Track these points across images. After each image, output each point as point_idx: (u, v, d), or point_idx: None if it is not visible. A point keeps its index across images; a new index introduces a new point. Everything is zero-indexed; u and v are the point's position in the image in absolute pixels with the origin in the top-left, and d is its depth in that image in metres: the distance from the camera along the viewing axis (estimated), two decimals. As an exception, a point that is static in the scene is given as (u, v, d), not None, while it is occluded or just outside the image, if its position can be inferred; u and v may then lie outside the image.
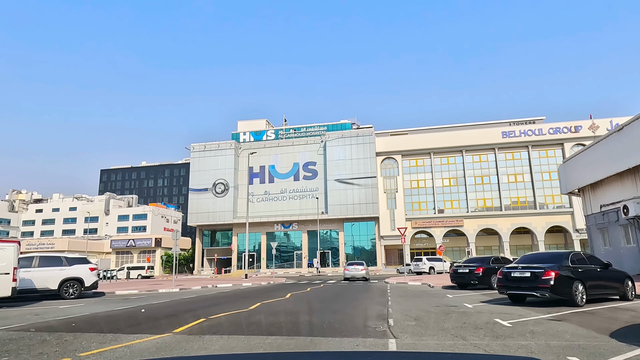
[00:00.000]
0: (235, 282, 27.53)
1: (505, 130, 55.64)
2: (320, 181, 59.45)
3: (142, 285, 24.87)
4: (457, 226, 55.08)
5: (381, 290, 17.54)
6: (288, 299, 14.03)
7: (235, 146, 61.98)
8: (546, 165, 55.24)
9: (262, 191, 60.95)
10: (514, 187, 55.49)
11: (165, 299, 14.73)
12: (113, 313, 10.49)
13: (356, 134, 58.90)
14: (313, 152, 60.68)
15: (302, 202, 59.41)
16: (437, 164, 57.82)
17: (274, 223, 60.02)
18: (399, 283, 23.04)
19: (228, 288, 21.47)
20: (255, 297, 14.84)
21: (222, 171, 61.19)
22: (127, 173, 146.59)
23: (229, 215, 59.68)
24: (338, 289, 19.41)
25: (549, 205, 54.30)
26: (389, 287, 20.21)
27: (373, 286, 21.10)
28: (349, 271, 29.44)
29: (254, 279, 33.36)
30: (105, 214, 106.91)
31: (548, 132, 54.48)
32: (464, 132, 57.30)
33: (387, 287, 20.27)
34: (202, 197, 60.84)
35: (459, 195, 56.58)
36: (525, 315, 8.58)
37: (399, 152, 58.21)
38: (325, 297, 14.35)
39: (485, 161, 56.75)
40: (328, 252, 58.84)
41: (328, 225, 58.51)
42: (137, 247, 65.00)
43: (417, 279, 26.08)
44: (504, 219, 54.14)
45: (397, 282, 24.02)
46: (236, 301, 13.29)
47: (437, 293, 15.92)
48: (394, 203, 56.95)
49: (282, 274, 53.72)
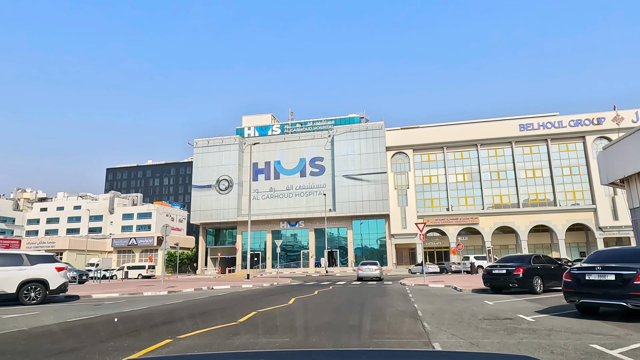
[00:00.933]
0: (235, 283, 25.11)
1: (522, 122, 52.67)
2: (327, 177, 56.94)
3: (130, 286, 22.51)
4: (472, 224, 52.25)
5: (401, 295, 14.99)
6: (291, 305, 11.56)
7: (240, 141, 59.65)
8: (566, 159, 52.18)
9: (267, 188, 58.59)
10: (532, 183, 52.50)
11: (143, 305, 12.30)
12: (50, 329, 8.04)
13: (365, 128, 56.29)
14: (320, 147, 58.19)
15: (309, 199, 56.96)
16: (450, 159, 55.00)
17: (279, 221, 57.62)
18: (418, 285, 20.51)
19: (224, 291, 19.06)
20: (251, 303, 12.39)
21: (226, 167, 58.92)
22: (132, 172, 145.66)
23: (233, 213, 57.39)
24: (350, 292, 16.89)
25: (569, 202, 51.24)
26: (409, 289, 17.68)
27: (389, 289, 18.55)
28: (363, 271, 28.11)
29: (257, 279, 30.94)
30: (110, 213, 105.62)
31: (569, 125, 51.42)
32: (479, 125, 54.40)
33: (405, 289, 17.74)
34: (206, 194, 58.63)
35: (473, 192, 53.72)
36: (633, 339, 5.95)
37: (410, 147, 55.48)
38: (338, 305, 11.80)
39: (502, 155, 53.82)
40: (336, 252, 56.33)
41: (336, 223, 55.98)
42: (139, 245, 62.95)
43: (437, 280, 23.46)
44: (522, 216, 51.20)
45: (415, 283, 21.47)
46: (226, 309, 10.85)
47: (470, 298, 13.34)
48: (405, 200, 54.26)
49: (288, 274, 51.34)
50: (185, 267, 65.99)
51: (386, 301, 12.66)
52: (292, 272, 53.96)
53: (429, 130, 55.78)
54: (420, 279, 24.98)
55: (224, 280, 29.45)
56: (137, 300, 14.65)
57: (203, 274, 58.32)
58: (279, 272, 53.80)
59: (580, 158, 51.69)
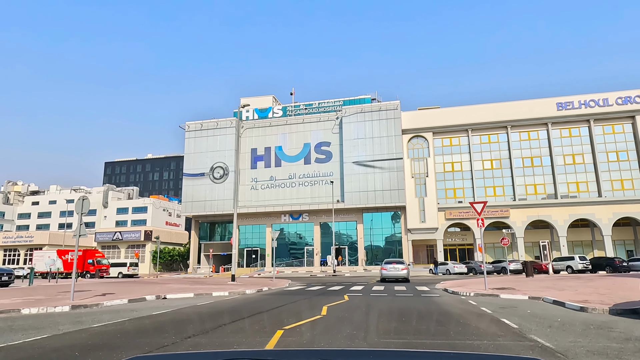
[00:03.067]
0: (214, 288, 18.66)
1: (561, 101, 45.66)
2: (335, 164, 50.33)
3: (26, 295, 16.05)
4: (502, 217, 45.40)
5: (485, 319, 8.43)
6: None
7: (237, 124, 53.18)
8: (612, 143, 45.11)
9: (267, 176, 52.12)
10: (571, 171, 45.51)
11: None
12: None
13: (378, 108, 49.55)
14: (327, 131, 51.57)
15: (313, 189, 50.40)
16: (476, 143, 48.11)
17: (280, 213, 51.14)
18: (482, 295, 13.92)
19: (179, 304, 12.64)
20: (190, 341, 5.95)
21: (221, 153, 52.56)
22: (131, 166, 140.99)
23: (228, 204, 50.99)
24: (386, 312, 10.22)
25: (616, 193, 44.18)
26: (475, 302, 11.21)
27: (445, 303, 11.81)
28: (387, 271, 24.88)
29: (245, 282, 24.42)
30: (104, 207, 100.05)
31: (615, 103, 44.34)
32: (510, 104, 47.40)
33: (472, 304, 11.21)
34: (198, 183, 52.32)
35: (503, 181, 46.82)
36: None
37: (430, 129, 48.67)
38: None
39: (536, 139, 46.84)
40: (344, 248, 49.75)
41: (344, 216, 49.38)
42: (125, 240, 56.80)
43: (501, 287, 16.59)
44: (560, 208, 44.26)
45: (472, 291, 14.67)
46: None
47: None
48: (423, 190, 47.50)
49: (290, 273, 44.93)
50: (178, 265, 59.76)
51: (487, 344, 6.05)
52: (295, 271, 47.52)
53: (451, 111, 48.93)
54: (472, 283, 18.25)
55: (203, 284, 22.98)
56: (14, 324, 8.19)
57: (195, 272, 52.06)
58: (279, 271, 47.40)
59: (629, 141, 44.60)
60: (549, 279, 21.53)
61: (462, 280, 23.56)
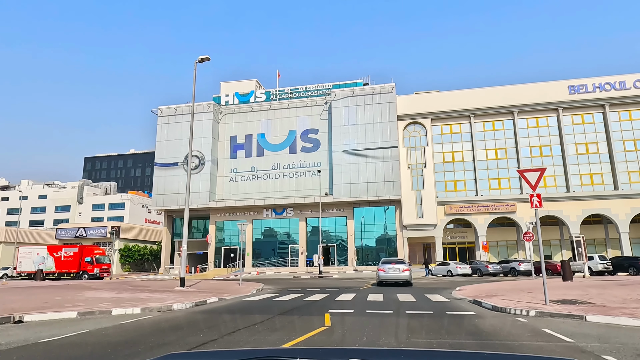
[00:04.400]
0: (149, 296, 13.62)
1: (573, 84, 41.25)
2: (323, 154, 45.42)
3: None
4: (508, 212, 40.85)
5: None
6: None
7: (215, 109, 48.09)
8: (629, 130, 40.82)
9: (247, 167, 47.03)
10: (584, 161, 41.13)
11: None
12: None
13: (371, 91, 44.71)
14: (315, 117, 46.63)
15: (299, 180, 45.45)
16: (479, 131, 43.53)
17: (262, 208, 46.05)
18: (560, 317, 8.87)
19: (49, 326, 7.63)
20: None
21: (196, 141, 47.07)
22: (113, 161, 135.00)
23: (204, 197, 45.82)
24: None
25: (634, 185, 39.90)
26: (560, 334, 6.38)
27: (507, 339, 6.76)
28: (386, 272, 20.59)
29: (204, 286, 19.35)
30: (79, 203, 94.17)
31: (633, 86, 40.06)
32: (516, 88, 42.86)
33: (591, 352, 6.12)
34: (171, 173, 47.03)
35: (508, 172, 42.28)
36: None
37: (428, 115, 43.98)
38: None
39: (545, 126, 42.38)
40: (333, 247, 44.86)
41: (333, 210, 44.47)
42: (89, 237, 51.20)
43: (583, 303, 11.49)
44: (572, 202, 39.85)
45: (535, 309, 9.54)
46: None
47: None
48: (420, 182, 42.80)
49: (272, 274, 39.97)
50: (150, 265, 54.34)
51: None
52: (278, 272, 42.52)
53: (451, 95, 44.27)
54: (503, 290, 13.37)
55: (141, 290, 17.85)
56: None
57: (167, 272, 46.76)
58: (261, 272, 42.37)
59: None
60: (599, 284, 16.92)
61: (481, 285, 18.79)
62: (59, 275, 38.47)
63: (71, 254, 38.39)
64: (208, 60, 17.21)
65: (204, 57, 17.11)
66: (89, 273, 37.79)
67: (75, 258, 38.26)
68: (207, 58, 17.24)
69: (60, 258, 38.47)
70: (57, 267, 38.20)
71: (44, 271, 38.05)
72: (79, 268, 38.17)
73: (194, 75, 17.67)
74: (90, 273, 37.82)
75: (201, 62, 17.14)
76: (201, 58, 17.09)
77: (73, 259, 38.28)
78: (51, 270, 38.31)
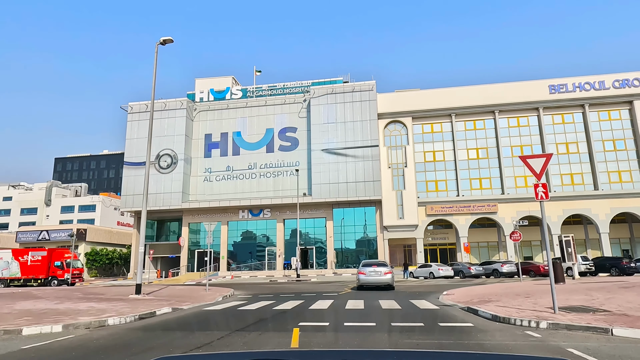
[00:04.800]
0: (94, 306, 11.83)
1: (554, 83, 40.97)
2: (302, 152, 43.92)
3: None
4: (489, 213, 40.19)
5: None
6: None
7: (188, 106, 46.04)
8: (608, 131, 40.75)
9: (223, 166, 45.11)
10: (565, 161, 40.83)
11: None
12: None
13: (351, 89, 43.50)
14: (293, 115, 45.10)
15: (277, 180, 43.79)
16: (460, 130, 42.81)
17: (238, 209, 44.17)
18: (579, 329, 7.35)
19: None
20: None
21: (169, 139, 45.19)
22: (85, 162, 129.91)
23: (177, 198, 43.67)
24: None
25: (613, 185, 39.78)
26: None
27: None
28: (367, 275, 19.02)
29: (165, 294, 17.58)
30: (46, 205, 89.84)
31: (612, 86, 40.01)
32: (498, 87, 42.35)
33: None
34: (141, 173, 44.56)
35: (490, 172, 41.68)
36: None
37: (409, 114, 43.03)
38: None
39: (526, 125, 41.98)
40: (311, 249, 43.33)
41: (312, 211, 42.96)
42: (53, 241, 48.24)
43: (600, 312, 9.82)
44: (553, 203, 39.36)
45: (546, 320, 8.04)
46: None
47: None
48: (401, 182, 41.75)
49: (247, 278, 38.24)
50: (120, 269, 51.66)
51: None
52: (254, 275, 40.76)
53: (432, 93, 43.44)
54: (497, 294, 12.08)
55: (91, 299, 15.97)
56: None
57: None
58: (236, 276, 40.52)
59: (627, 129, 40.34)
60: (598, 286, 15.90)
61: (469, 288, 17.55)
62: (25, 282, 35.56)
63: (39, 258, 35.57)
64: (171, 42, 15.55)
65: (165, 39, 15.44)
66: (59, 279, 35.14)
67: (44, 262, 35.47)
68: (169, 40, 15.57)
69: (26, 263, 35.59)
70: (22, 273, 35.29)
71: (8, 277, 35.19)
72: (47, 273, 35.43)
73: (155, 58, 15.97)
74: (60, 279, 35.18)
75: (163, 44, 15.47)
76: (163, 40, 15.42)
77: (41, 264, 35.47)
78: (16, 276, 35.39)
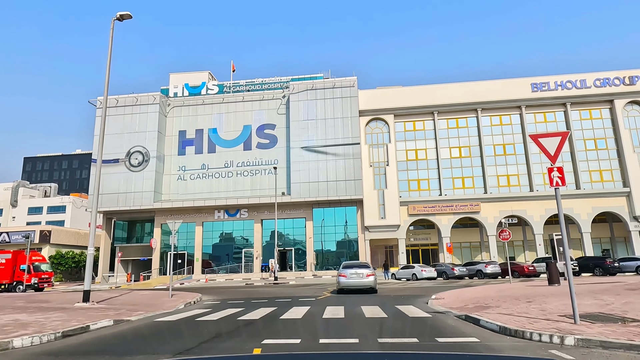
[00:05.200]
0: (34, 317, 10.05)
1: (536, 81, 40.54)
2: (280, 150, 42.34)
3: None
4: (472, 212, 39.42)
5: None
6: None
7: (162, 101, 43.92)
8: (590, 130, 40.55)
9: (198, 164, 43.12)
10: (547, 160, 40.29)
11: None
12: None
13: (332, 85, 42.17)
14: (272, 111, 43.48)
15: (254, 179, 42.07)
16: (442, 128, 41.97)
17: (214, 209, 42.25)
18: (618, 349, 5.68)
19: None
20: None
21: (140, 135, 42.96)
22: (56, 161, 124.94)
23: (148, 197, 41.46)
24: None
25: (595, 185, 39.55)
26: None
27: None
28: (348, 278, 17.69)
29: (119, 302, 15.73)
30: (12, 206, 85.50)
31: (594, 85, 39.82)
32: (480, 84, 41.71)
33: None
34: (111, 171, 42.29)
35: (472, 171, 40.94)
36: None
37: (391, 111, 41.96)
38: None
39: (509, 124, 41.44)
40: (290, 251, 41.74)
41: (291, 211, 41.39)
42: (13, 243, 45.25)
43: (626, 322, 8.79)
44: (536, 202, 38.98)
45: (573, 335, 6.35)
46: None
47: None
48: (383, 181, 40.63)
49: (223, 281, 36.42)
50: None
51: None
52: (229, 278, 38.93)
53: (414, 90, 42.48)
54: (498, 299, 10.83)
55: (33, 308, 14.06)
56: None
57: (106, 281, 41.91)
58: (211, 279, 38.60)
59: (607, 128, 40.20)
60: (602, 288, 14.82)
61: (459, 291, 16.28)
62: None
63: (2, 262, 32.75)
64: (129, 18, 13.83)
65: (123, 14, 13.69)
66: (26, 284, 32.42)
67: (8, 266, 32.65)
68: (127, 15, 13.83)
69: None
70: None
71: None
72: (12, 278, 32.60)
73: (111, 35, 14.11)
74: (27, 284, 32.46)
75: (120, 20, 13.70)
76: (120, 15, 13.66)
77: (5, 267, 32.62)
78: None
